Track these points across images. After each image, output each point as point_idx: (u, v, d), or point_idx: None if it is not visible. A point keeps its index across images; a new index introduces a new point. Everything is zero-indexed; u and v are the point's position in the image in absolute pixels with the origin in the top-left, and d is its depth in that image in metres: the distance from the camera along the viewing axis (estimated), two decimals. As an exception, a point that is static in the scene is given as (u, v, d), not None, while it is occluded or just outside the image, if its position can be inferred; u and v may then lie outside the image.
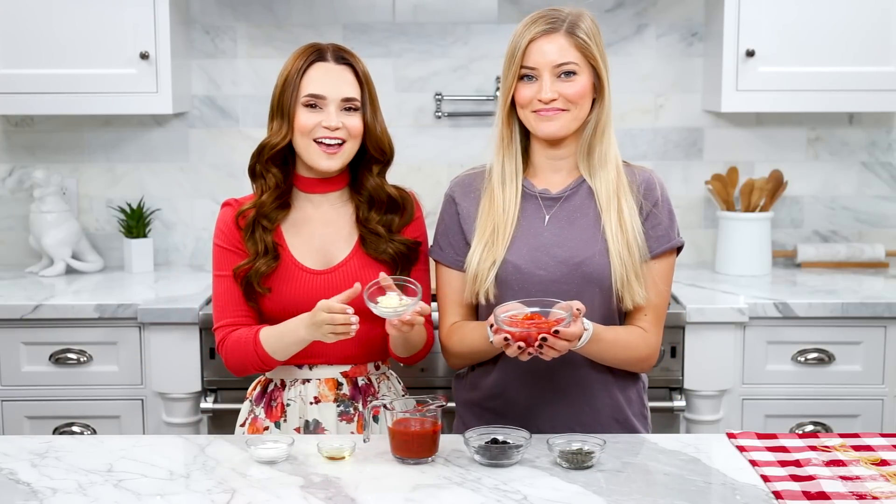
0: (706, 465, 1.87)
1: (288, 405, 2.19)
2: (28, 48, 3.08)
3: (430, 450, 1.87)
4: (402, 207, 2.22)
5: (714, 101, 3.22)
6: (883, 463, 1.86)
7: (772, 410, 2.91)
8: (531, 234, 2.12)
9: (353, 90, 2.15)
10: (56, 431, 2.90)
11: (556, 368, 2.09)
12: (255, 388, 2.28)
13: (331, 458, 1.88)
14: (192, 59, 3.38)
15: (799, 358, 2.90)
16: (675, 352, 2.85)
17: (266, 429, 2.19)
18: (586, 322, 1.98)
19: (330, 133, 2.12)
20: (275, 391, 2.22)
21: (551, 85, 2.06)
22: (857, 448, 1.93)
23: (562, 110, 2.07)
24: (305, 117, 2.13)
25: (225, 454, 1.91)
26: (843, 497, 1.70)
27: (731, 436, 2.01)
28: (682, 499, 1.70)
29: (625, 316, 2.16)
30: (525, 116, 2.10)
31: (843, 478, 1.78)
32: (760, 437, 2.00)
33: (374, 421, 2.21)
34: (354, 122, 2.15)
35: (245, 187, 2.31)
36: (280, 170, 2.17)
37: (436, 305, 2.24)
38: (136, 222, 3.36)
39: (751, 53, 3.08)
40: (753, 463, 1.86)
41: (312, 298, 2.06)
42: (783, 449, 1.93)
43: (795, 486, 1.74)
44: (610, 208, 2.10)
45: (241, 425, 2.25)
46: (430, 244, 2.26)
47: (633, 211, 2.11)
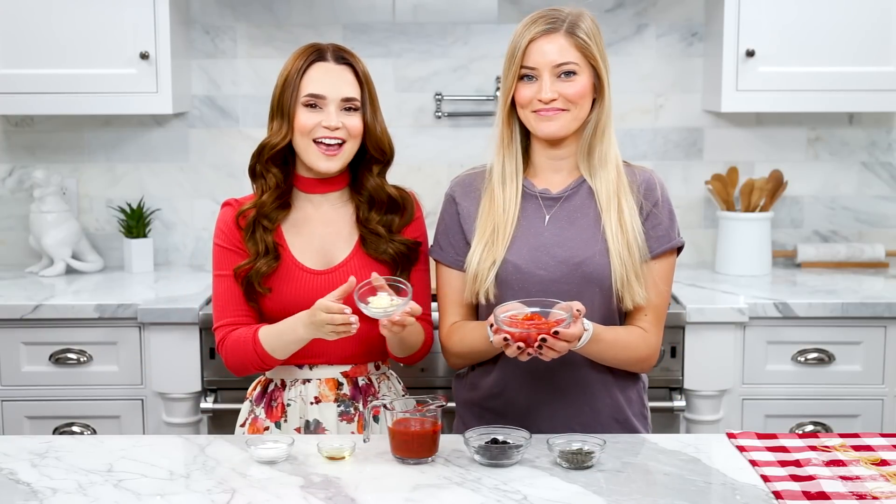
0: (706, 465, 1.87)
1: (288, 405, 2.19)
2: (28, 48, 3.08)
3: (430, 450, 1.87)
4: (402, 207, 2.22)
5: (714, 101, 3.22)
6: (883, 463, 1.86)
7: (772, 410, 2.91)
8: (531, 233, 2.12)
9: (353, 90, 2.15)
10: (56, 431, 2.90)
11: (556, 368, 2.09)
12: (255, 389, 2.28)
13: (331, 458, 1.88)
14: (192, 59, 3.38)
15: (799, 358, 2.90)
16: (675, 352, 2.85)
17: (266, 429, 2.19)
18: (586, 322, 1.98)
19: (330, 133, 2.12)
20: (275, 391, 2.22)
21: (551, 85, 2.06)
22: (857, 448, 1.93)
23: (562, 110, 2.07)
24: (305, 117, 2.13)
25: (225, 454, 1.91)
26: (843, 497, 1.69)
27: (731, 436, 2.00)
28: (682, 499, 1.70)
29: (625, 316, 2.16)
30: (525, 116, 2.10)
31: (843, 478, 1.78)
32: (760, 437, 2.00)
33: (375, 421, 2.21)
34: (354, 122, 2.15)
35: (245, 187, 2.31)
36: (280, 170, 2.17)
37: (436, 305, 2.25)
38: (136, 222, 3.35)
39: (751, 53, 3.08)
40: (753, 463, 1.86)
41: (313, 298, 2.05)
42: (783, 449, 1.93)
43: (795, 486, 1.74)
44: (610, 208, 2.10)
45: (242, 425, 2.25)
46: (430, 244, 2.26)
47: (634, 211, 2.11)
